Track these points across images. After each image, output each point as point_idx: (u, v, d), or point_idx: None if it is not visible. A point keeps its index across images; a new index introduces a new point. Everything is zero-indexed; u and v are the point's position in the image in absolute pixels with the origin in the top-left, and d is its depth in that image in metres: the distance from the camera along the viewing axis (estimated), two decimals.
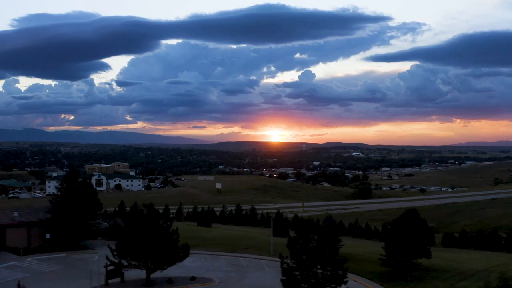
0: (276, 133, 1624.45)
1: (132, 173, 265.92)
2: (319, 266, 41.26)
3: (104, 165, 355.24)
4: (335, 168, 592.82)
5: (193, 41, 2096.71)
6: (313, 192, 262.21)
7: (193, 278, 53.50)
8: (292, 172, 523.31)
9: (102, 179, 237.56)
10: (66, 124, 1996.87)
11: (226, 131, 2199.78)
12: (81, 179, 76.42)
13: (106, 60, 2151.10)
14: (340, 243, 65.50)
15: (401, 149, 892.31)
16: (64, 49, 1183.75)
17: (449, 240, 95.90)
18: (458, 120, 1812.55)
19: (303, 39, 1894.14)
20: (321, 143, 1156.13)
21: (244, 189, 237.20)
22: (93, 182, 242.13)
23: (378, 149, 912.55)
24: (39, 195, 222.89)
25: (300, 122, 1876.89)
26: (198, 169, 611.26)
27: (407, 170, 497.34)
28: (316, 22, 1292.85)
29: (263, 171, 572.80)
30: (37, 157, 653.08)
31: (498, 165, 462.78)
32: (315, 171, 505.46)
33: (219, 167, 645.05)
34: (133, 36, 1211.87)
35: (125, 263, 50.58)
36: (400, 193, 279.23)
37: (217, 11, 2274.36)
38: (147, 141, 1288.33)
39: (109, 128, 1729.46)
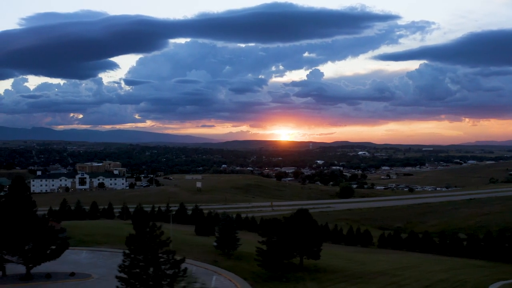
0: (285, 132, 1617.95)
1: (116, 172, 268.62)
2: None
3: (96, 164, 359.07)
4: (337, 167, 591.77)
5: (201, 40, 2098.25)
6: (299, 191, 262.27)
7: (72, 274, 54.62)
8: (291, 171, 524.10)
9: (85, 178, 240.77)
10: (75, 123, 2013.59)
11: (234, 130, 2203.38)
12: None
13: (115, 59, 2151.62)
14: (238, 242, 65.97)
15: (408, 148, 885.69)
16: (72, 48, 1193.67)
17: (384, 241, 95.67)
18: (467, 119, 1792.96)
19: (311, 38, 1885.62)
20: (329, 142, 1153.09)
21: (226, 188, 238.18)
22: (76, 181, 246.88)
23: (385, 148, 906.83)
24: None
25: (309, 121, 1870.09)
26: (200, 168, 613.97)
27: (407, 169, 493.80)
28: (324, 21, 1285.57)
29: (265, 170, 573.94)
30: (42, 156, 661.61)
31: (499, 165, 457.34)
32: (317, 170, 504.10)
33: (222, 166, 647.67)
34: (141, 35, 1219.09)
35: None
36: (388, 193, 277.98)
37: (225, 9, 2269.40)
38: (156, 140, 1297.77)
39: (118, 127, 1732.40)
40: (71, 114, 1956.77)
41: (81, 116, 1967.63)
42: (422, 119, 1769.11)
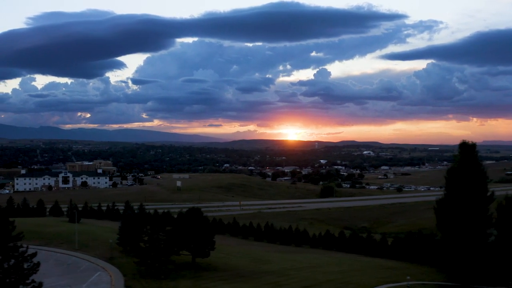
0: (292, 131, 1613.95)
1: (99, 171, 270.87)
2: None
3: (86, 163, 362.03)
4: (339, 167, 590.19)
5: (207, 40, 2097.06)
6: (283, 190, 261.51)
7: None
8: (289, 170, 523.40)
9: (68, 177, 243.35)
10: (83, 122, 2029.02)
11: (242, 129, 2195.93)
12: None
13: (122, 58, 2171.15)
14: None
15: (414, 148, 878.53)
16: (79, 47, 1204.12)
17: (316, 241, 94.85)
18: (474, 119, 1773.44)
19: (317, 37, 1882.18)
20: (335, 141, 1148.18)
21: (208, 187, 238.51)
22: (60, 179, 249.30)
23: (391, 148, 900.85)
24: (7, 191, 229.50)
25: (316, 121, 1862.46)
26: (201, 167, 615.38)
27: (407, 169, 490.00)
28: (331, 20, 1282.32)
29: (266, 170, 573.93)
30: (46, 155, 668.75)
31: (498, 165, 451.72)
32: (313, 170, 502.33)
33: (224, 165, 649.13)
34: (147, 34, 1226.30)
35: None
36: (376, 192, 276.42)
37: (231, 9, 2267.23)
38: (163, 139, 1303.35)
39: (125, 126, 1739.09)
40: (79, 113, 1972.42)
41: (88, 115, 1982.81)
42: (429, 118, 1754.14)
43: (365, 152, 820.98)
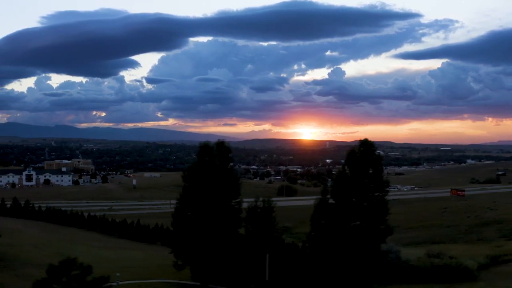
0: (307, 130, 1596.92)
1: (64, 169, 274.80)
2: None
3: (65, 161, 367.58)
4: (340, 166, 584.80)
5: (221, 39, 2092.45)
6: (251, 190, 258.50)
7: None
8: (293, 169, 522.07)
9: (31, 175, 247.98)
10: (98, 121, 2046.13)
11: (257, 128, 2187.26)
12: None
13: (136, 57, 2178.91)
14: None
15: (425, 148, 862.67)
16: (93, 46, 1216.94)
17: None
18: (490, 119, 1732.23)
19: (331, 37, 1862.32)
20: (349, 141, 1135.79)
21: (167, 186, 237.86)
22: (23, 177, 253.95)
23: (402, 148, 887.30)
24: None
25: (331, 120, 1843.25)
26: None
27: (403, 169, 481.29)
28: (344, 19, 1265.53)
29: (268, 169, 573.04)
30: (53, 154, 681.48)
31: (496, 165, 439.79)
32: (304, 169, 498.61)
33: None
34: (161, 33, 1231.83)
35: None
36: None
37: (244, 7, 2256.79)
38: (178, 138, 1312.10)
39: (140, 125, 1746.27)
40: (94, 112, 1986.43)
41: (103, 114, 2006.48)
42: (444, 118, 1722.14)
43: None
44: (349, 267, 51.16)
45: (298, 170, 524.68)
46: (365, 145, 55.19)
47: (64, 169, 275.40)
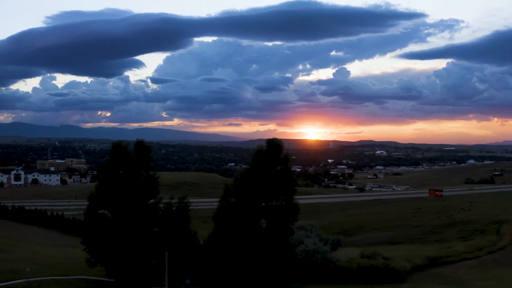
0: (312, 130, 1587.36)
1: (52, 169, 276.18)
2: None
3: (58, 161, 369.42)
4: (341, 166, 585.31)
5: (225, 39, 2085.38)
6: None
7: None
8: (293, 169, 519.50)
9: (20, 174, 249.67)
10: (103, 121, 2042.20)
11: (262, 128, 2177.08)
12: None
13: (140, 57, 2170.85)
14: None
15: (429, 148, 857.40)
16: (98, 46, 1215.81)
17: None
18: (495, 119, 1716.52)
19: (336, 37, 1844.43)
20: (354, 141, 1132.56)
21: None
22: (12, 176, 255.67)
23: (406, 148, 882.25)
24: None
25: (336, 120, 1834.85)
26: (206, 165, 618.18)
27: (401, 169, 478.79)
28: (349, 19, 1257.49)
29: None
30: (56, 153, 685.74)
31: (494, 165, 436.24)
32: (301, 169, 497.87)
33: (229, 164, 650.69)
34: (165, 33, 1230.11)
35: None
36: (337, 191, 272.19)
37: (248, 7, 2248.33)
38: (183, 138, 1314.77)
39: (145, 125, 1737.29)
40: (99, 112, 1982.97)
41: (108, 114, 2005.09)
42: (449, 118, 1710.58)
43: (378, 152, 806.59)
44: (255, 265, 50.66)
45: (297, 170, 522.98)
46: (272, 144, 54.49)
47: (52, 168, 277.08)
